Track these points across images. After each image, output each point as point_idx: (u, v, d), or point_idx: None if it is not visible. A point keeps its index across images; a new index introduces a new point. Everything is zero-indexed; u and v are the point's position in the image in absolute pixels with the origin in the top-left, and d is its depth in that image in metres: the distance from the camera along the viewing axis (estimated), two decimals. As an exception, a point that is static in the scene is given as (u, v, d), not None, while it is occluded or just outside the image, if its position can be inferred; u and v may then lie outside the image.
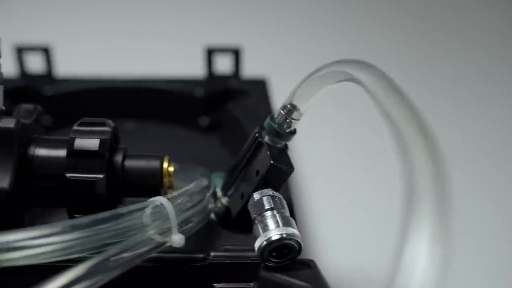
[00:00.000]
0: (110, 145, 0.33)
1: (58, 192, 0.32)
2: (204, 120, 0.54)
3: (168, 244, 0.30)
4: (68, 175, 0.31)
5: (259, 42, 0.61)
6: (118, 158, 0.33)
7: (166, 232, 0.31)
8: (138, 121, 0.54)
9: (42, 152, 0.33)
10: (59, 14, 0.93)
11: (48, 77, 0.54)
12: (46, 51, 0.54)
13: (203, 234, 0.35)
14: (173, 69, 0.57)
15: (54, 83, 0.54)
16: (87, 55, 0.73)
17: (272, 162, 0.32)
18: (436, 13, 0.89)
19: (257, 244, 0.31)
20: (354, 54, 0.29)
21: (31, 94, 0.53)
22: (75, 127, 0.33)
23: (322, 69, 0.31)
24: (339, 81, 0.30)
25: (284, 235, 0.30)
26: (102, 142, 0.32)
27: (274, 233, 0.30)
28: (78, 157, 0.32)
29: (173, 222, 0.31)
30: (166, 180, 0.34)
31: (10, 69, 0.56)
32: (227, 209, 0.37)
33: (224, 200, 0.37)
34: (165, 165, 0.34)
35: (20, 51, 0.54)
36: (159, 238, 0.30)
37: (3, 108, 0.35)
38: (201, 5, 0.91)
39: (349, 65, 0.29)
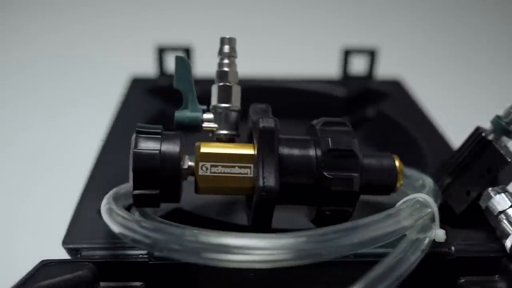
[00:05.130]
0: None
1: (310, 190, 0.33)
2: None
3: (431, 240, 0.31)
4: (326, 173, 0.32)
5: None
6: (360, 156, 0.34)
7: (424, 229, 0.32)
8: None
9: (293, 151, 0.33)
10: (198, 15, 0.96)
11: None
12: (187, 51, 0.54)
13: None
14: (302, 69, 0.58)
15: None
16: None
17: (510, 160, 0.34)
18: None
19: (510, 241, 0.32)
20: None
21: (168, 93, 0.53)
22: (319, 127, 0.34)
23: None
24: None
25: (537, 230, 0.32)
26: (354, 142, 0.33)
27: (527, 229, 0.32)
28: (335, 157, 0.32)
29: (437, 216, 0.32)
30: (400, 178, 0.35)
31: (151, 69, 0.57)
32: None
33: (436, 197, 0.38)
34: (397, 163, 0.35)
35: (162, 52, 0.54)
36: (427, 237, 0.31)
37: (240, 107, 0.35)
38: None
39: None
